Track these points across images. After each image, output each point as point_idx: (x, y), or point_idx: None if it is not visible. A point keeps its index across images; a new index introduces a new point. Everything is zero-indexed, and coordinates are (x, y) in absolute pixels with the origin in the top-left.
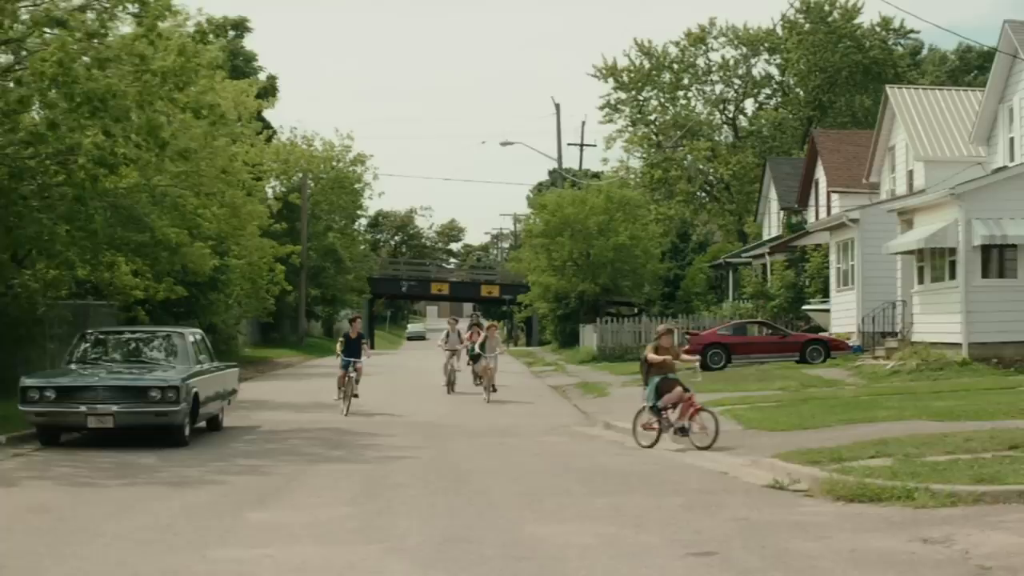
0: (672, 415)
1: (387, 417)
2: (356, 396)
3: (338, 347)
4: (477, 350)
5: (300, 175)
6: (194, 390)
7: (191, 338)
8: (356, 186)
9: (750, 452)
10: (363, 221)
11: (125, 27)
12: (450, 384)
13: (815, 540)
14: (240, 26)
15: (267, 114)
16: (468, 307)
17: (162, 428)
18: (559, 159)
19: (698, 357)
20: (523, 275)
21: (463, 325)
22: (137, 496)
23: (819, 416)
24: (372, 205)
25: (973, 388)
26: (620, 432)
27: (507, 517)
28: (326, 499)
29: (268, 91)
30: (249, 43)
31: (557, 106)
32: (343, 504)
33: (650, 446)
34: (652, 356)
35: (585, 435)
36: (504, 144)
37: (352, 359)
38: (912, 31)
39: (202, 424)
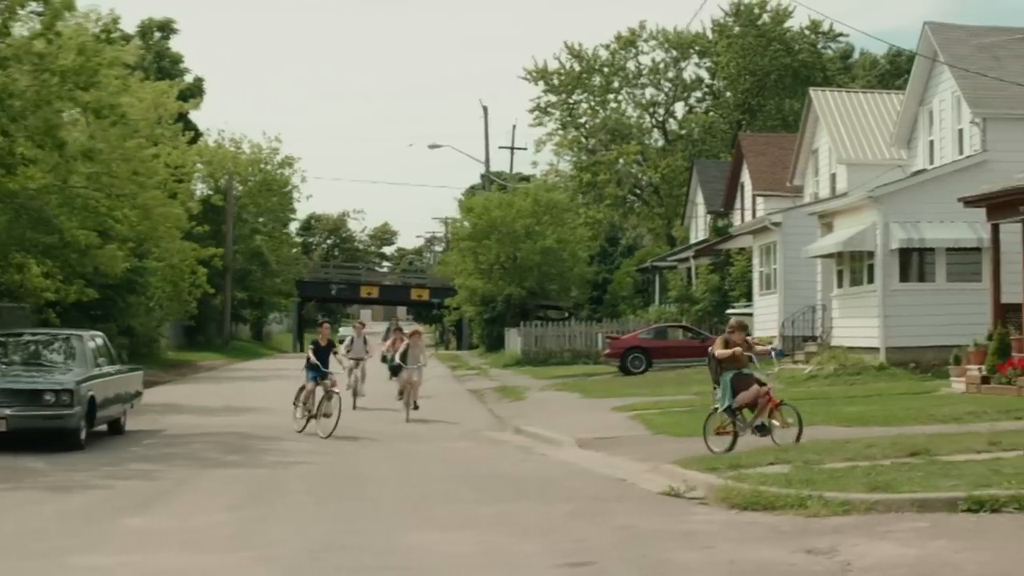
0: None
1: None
2: (328, 416)
3: (310, 354)
4: (398, 360)
5: (227, 178)
6: (90, 394)
7: (91, 342)
8: (285, 189)
9: (653, 458)
10: (295, 224)
11: (26, 27)
12: (354, 396)
13: (697, 550)
14: (166, 27)
15: (195, 116)
16: (403, 310)
17: (57, 432)
18: (487, 162)
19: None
20: (451, 278)
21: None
22: (14, 501)
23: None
24: (302, 208)
25: (887, 393)
26: (529, 437)
27: (392, 524)
28: (210, 505)
29: (194, 93)
30: (177, 45)
31: (485, 109)
32: (225, 510)
33: (726, 451)
34: (720, 351)
35: (494, 440)
36: (432, 147)
37: (324, 371)
38: (841, 34)
39: (103, 428)
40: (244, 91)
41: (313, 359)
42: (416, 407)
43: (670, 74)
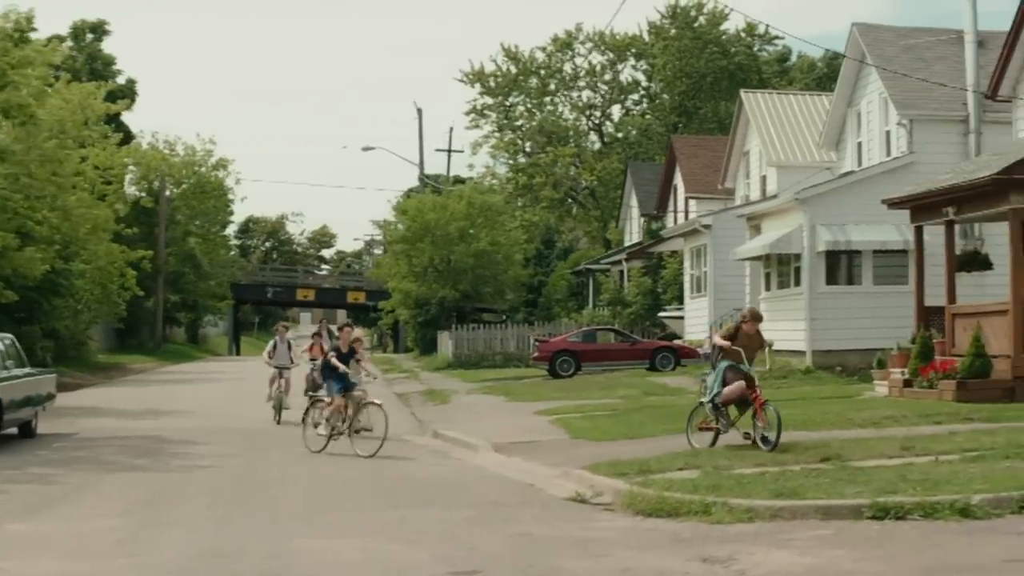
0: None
1: (218, 424)
2: (370, 430)
3: (334, 361)
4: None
5: (159, 180)
6: None
7: None
8: (220, 191)
9: (567, 463)
10: (233, 227)
11: None
12: (277, 411)
13: (591, 558)
14: (99, 29)
15: (129, 119)
16: (342, 313)
17: None
18: (421, 164)
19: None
20: (385, 281)
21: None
22: None
23: (647, 426)
24: (239, 210)
25: (810, 397)
26: (447, 441)
27: (284, 530)
28: (102, 510)
29: (126, 94)
30: (111, 47)
31: (419, 111)
32: (116, 515)
33: (708, 448)
34: (721, 341)
35: (411, 444)
36: (365, 149)
37: (352, 381)
38: (777, 37)
39: (12, 431)
40: (182, 93)
41: (341, 367)
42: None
43: (607, 76)
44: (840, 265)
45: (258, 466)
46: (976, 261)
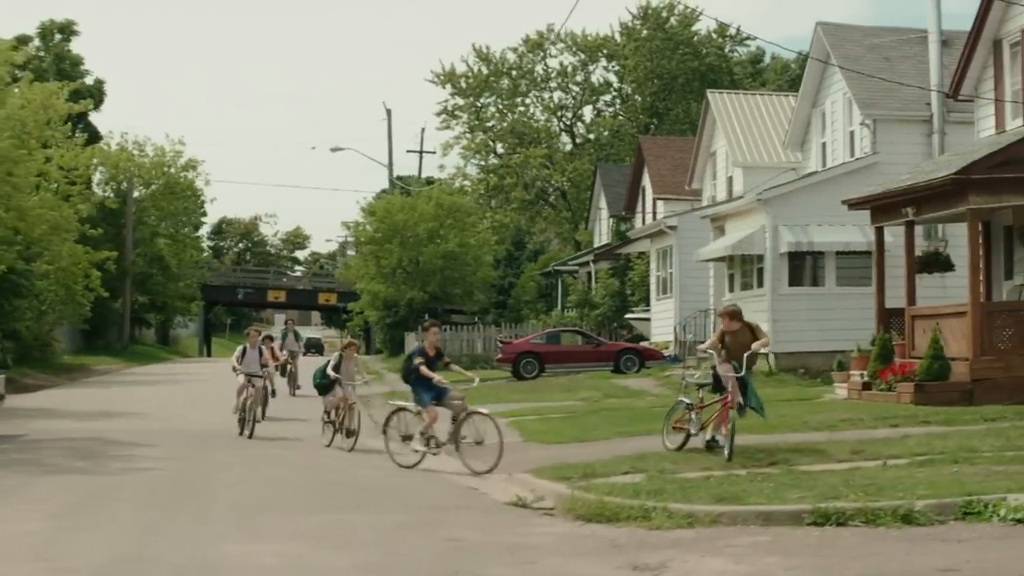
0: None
1: (170, 426)
2: (480, 443)
3: (423, 368)
4: (331, 374)
5: (127, 181)
6: None
7: None
8: (190, 192)
9: (514, 466)
10: (206, 228)
11: None
12: (244, 422)
13: (518, 566)
14: (67, 29)
15: (98, 120)
16: (316, 315)
17: None
18: (390, 166)
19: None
20: (353, 282)
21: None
22: None
23: (601, 428)
24: (210, 211)
25: (770, 400)
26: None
27: (208, 535)
28: (28, 513)
29: (94, 95)
30: (80, 47)
31: (388, 112)
32: (43, 519)
33: (676, 449)
34: (703, 347)
35: (362, 446)
36: (334, 150)
37: (444, 387)
38: (749, 38)
39: None
40: (155, 96)
41: (430, 374)
42: (352, 433)
43: (578, 77)
44: (803, 266)
45: (200, 469)
46: (937, 262)
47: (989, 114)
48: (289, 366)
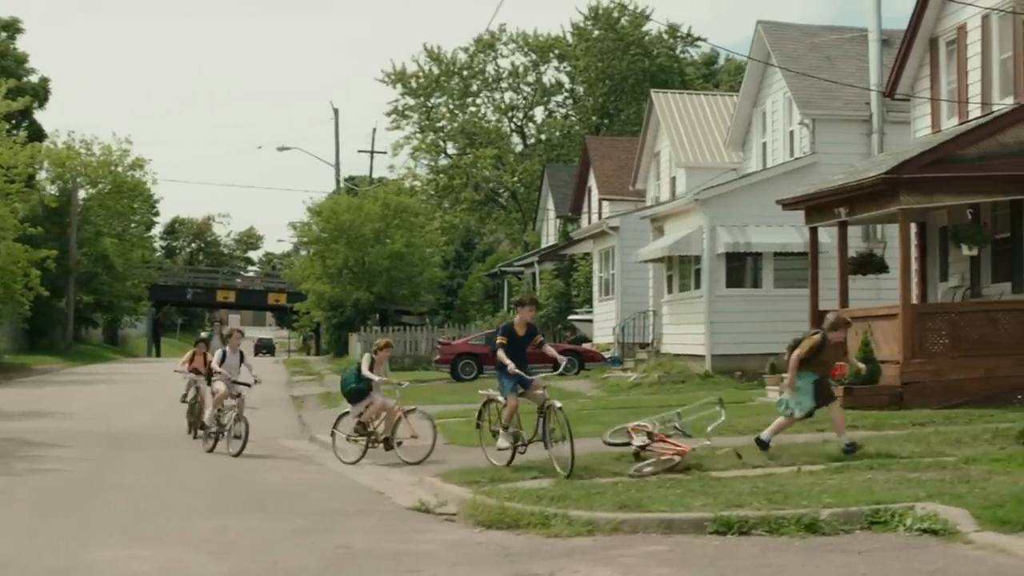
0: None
1: (93, 427)
2: (563, 440)
3: (503, 355)
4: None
5: (73, 179)
6: None
7: None
8: (138, 191)
9: (432, 469)
10: (159, 227)
11: None
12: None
13: (399, 574)
14: (11, 27)
15: (42, 118)
16: (269, 316)
17: None
18: (336, 165)
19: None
20: (299, 282)
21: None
22: None
23: (527, 431)
24: (161, 211)
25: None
26: (320, 445)
27: (88, 540)
28: None
29: (38, 93)
30: (25, 45)
31: (336, 111)
32: None
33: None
34: (798, 355)
35: (283, 448)
36: (281, 149)
37: (527, 378)
38: (700, 39)
39: None
40: (108, 96)
41: (508, 363)
42: (393, 444)
43: (530, 78)
44: (741, 268)
45: (108, 471)
46: (871, 263)
47: (925, 113)
48: None
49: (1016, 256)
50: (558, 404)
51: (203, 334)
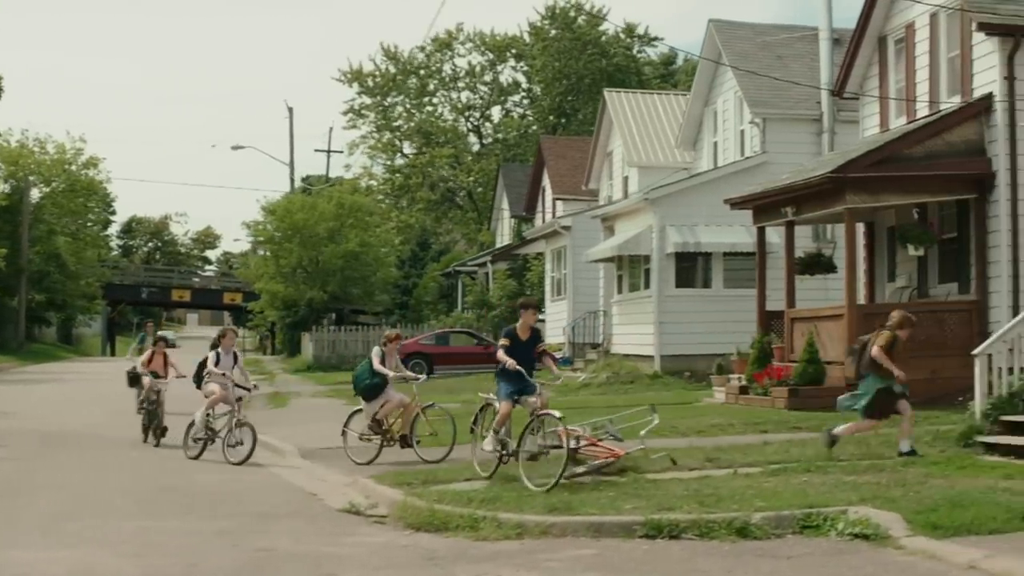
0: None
1: (30, 426)
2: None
3: (503, 356)
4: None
5: (25, 177)
6: None
7: None
8: (92, 189)
9: (364, 470)
10: (116, 226)
11: None
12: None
13: None
14: None
15: None
16: (227, 316)
17: None
18: (291, 164)
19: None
20: (252, 282)
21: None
22: None
23: (462, 433)
24: (118, 210)
25: (647, 404)
26: (260, 446)
27: (4, 540)
28: None
29: None
30: None
31: (290, 110)
32: None
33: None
34: (884, 357)
35: (220, 449)
36: (235, 148)
37: (530, 382)
38: (657, 38)
39: None
40: (61, 94)
41: (512, 364)
42: (414, 442)
43: (487, 77)
44: (690, 267)
45: (39, 470)
46: (819, 263)
47: (874, 112)
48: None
49: (962, 256)
50: (557, 414)
51: (160, 333)
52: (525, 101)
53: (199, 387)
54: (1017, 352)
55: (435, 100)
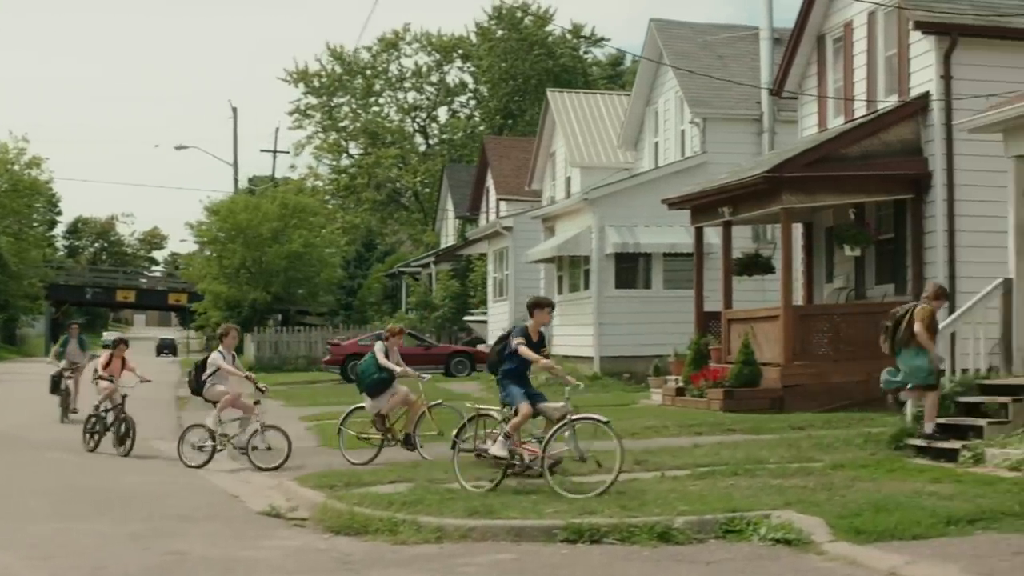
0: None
1: None
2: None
3: (523, 349)
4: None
5: None
6: None
7: None
8: (35, 189)
9: (295, 472)
10: (62, 227)
11: None
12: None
13: None
14: None
15: None
16: (174, 316)
17: None
18: (235, 165)
19: None
20: (195, 282)
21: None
22: None
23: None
24: (64, 210)
25: (585, 405)
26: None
27: None
28: None
29: None
30: None
31: (234, 110)
32: None
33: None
34: (926, 337)
35: (152, 449)
36: (179, 148)
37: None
38: (603, 39)
39: None
40: (5, 93)
41: (548, 364)
42: (417, 444)
43: (433, 78)
44: (630, 268)
45: None
46: (757, 264)
47: (813, 112)
48: (66, 381)
49: (899, 257)
50: (604, 419)
51: (110, 336)
52: (472, 102)
53: (199, 392)
54: (949, 353)
55: (381, 100)
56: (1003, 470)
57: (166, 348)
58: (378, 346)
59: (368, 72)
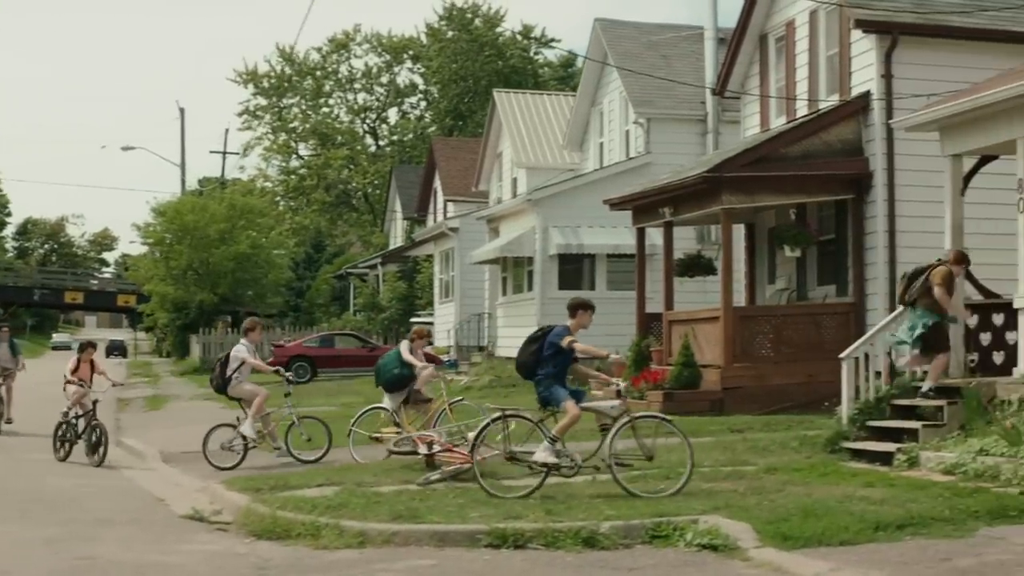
0: None
1: None
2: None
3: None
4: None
5: None
6: None
7: None
8: None
9: (221, 475)
10: (10, 228)
11: None
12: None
13: None
14: None
15: None
16: (125, 318)
17: None
18: (182, 165)
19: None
20: (141, 283)
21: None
22: None
23: (338, 436)
24: (13, 211)
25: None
26: (124, 450)
27: None
28: None
29: None
30: None
31: (182, 111)
32: None
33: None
34: (945, 296)
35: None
36: (125, 149)
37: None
38: (554, 40)
39: None
40: None
41: (587, 348)
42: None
43: (383, 79)
44: (574, 269)
45: None
46: (698, 265)
47: (755, 112)
48: None
49: (840, 258)
50: (668, 417)
51: (60, 337)
52: (422, 103)
53: (223, 390)
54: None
55: (331, 101)
56: (937, 474)
57: (116, 350)
58: (404, 344)
59: (318, 73)
